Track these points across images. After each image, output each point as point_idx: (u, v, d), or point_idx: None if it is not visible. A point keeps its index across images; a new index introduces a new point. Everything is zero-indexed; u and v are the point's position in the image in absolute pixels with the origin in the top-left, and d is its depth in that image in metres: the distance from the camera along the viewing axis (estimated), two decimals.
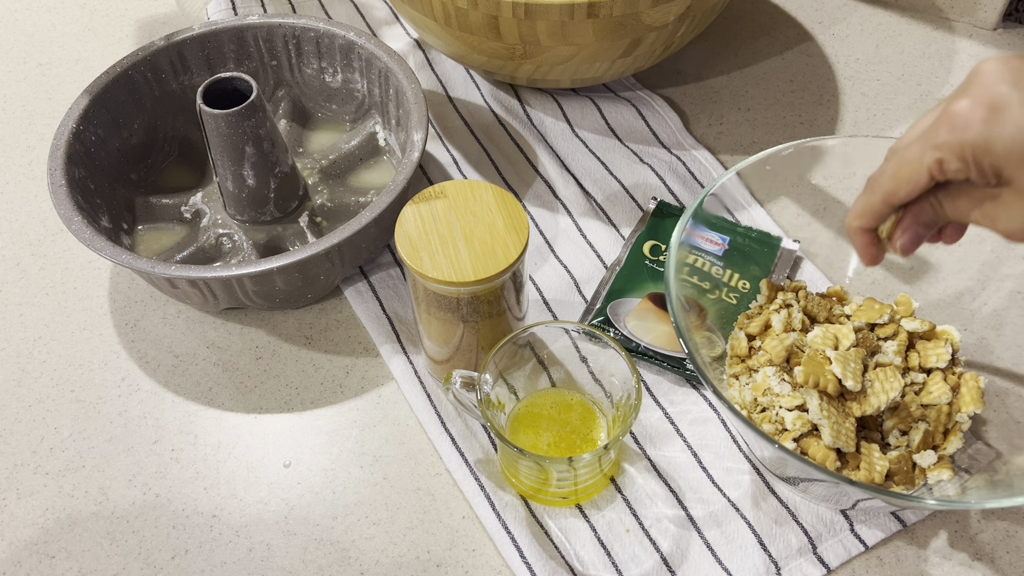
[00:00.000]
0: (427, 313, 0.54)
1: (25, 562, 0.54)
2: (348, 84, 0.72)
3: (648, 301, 0.62)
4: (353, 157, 0.70)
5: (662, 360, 0.60)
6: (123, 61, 0.67)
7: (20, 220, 0.71)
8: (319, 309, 0.65)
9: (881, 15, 0.83)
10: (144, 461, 0.58)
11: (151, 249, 0.66)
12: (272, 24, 0.69)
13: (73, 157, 0.62)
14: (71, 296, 0.66)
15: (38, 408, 0.61)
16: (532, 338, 0.55)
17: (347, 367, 0.62)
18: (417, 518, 0.55)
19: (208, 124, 0.59)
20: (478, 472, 0.56)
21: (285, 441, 0.59)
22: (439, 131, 0.75)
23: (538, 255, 0.67)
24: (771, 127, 0.75)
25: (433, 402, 0.59)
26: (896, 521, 0.54)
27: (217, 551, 0.54)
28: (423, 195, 0.53)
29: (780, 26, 0.82)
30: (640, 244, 0.65)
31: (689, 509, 0.55)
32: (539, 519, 0.54)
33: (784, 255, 0.64)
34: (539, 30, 0.62)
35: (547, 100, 0.76)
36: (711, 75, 0.79)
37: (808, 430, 0.52)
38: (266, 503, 0.56)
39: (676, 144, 0.73)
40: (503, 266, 0.50)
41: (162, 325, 0.64)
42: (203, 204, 0.67)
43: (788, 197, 0.67)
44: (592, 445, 0.55)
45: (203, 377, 0.62)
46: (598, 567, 0.53)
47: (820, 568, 0.52)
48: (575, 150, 0.73)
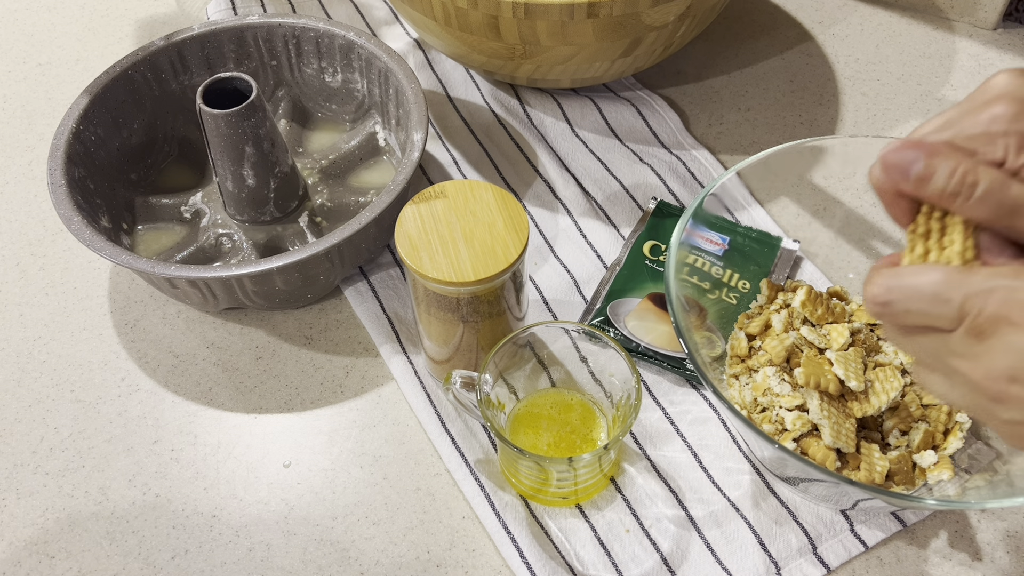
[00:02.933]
0: (427, 313, 0.54)
1: (25, 562, 0.54)
2: (348, 84, 0.72)
3: (648, 301, 0.62)
4: (353, 157, 0.70)
5: (662, 360, 0.60)
6: (123, 61, 0.67)
7: (20, 220, 0.71)
8: (319, 309, 0.65)
9: (881, 15, 0.83)
10: (144, 461, 0.58)
11: (151, 249, 0.66)
12: (272, 24, 0.69)
13: (73, 157, 0.62)
14: (71, 296, 0.66)
15: (38, 408, 0.61)
16: (532, 338, 0.55)
17: (347, 367, 0.62)
18: (417, 518, 0.55)
19: (208, 124, 0.59)
20: (478, 472, 0.56)
21: (285, 441, 0.59)
22: (439, 131, 0.75)
23: (538, 255, 0.67)
24: (771, 127, 0.75)
25: (433, 402, 0.59)
26: (896, 521, 0.54)
27: (217, 551, 0.54)
28: (423, 195, 0.53)
29: (780, 26, 0.82)
30: (640, 244, 0.65)
31: (689, 509, 0.55)
32: (539, 519, 0.54)
33: (784, 255, 0.64)
34: (539, 30, 0.62)
35: (547, 100, 0.76)
36: (711, 75, 0.79)
37: (808, 430, 0.52)
38: (266, 503, 0.56)
39: (676, 144, 0.73)
40: (503, 266, 0.50)
41: (162, 325, 0.64)
42: (203, 204, 0.67)
43: (788, 197, 0.67)
44: (592, 445, 0.55)
45: (203, 377, 0.62)
46: (598, 567, 0.53)
47: (820, 568, 0.52)
48: (575, 150, 0.73)
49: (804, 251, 0.65)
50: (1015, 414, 0.33)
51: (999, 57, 0.79)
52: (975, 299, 0.32)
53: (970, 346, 0.33)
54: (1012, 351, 0.32)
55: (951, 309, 0.33)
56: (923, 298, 0.34)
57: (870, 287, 0.35)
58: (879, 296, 0.35)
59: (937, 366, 0.35)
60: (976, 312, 0.32)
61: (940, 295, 0.33)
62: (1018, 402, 0.33)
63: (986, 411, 0.35)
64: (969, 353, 0.33)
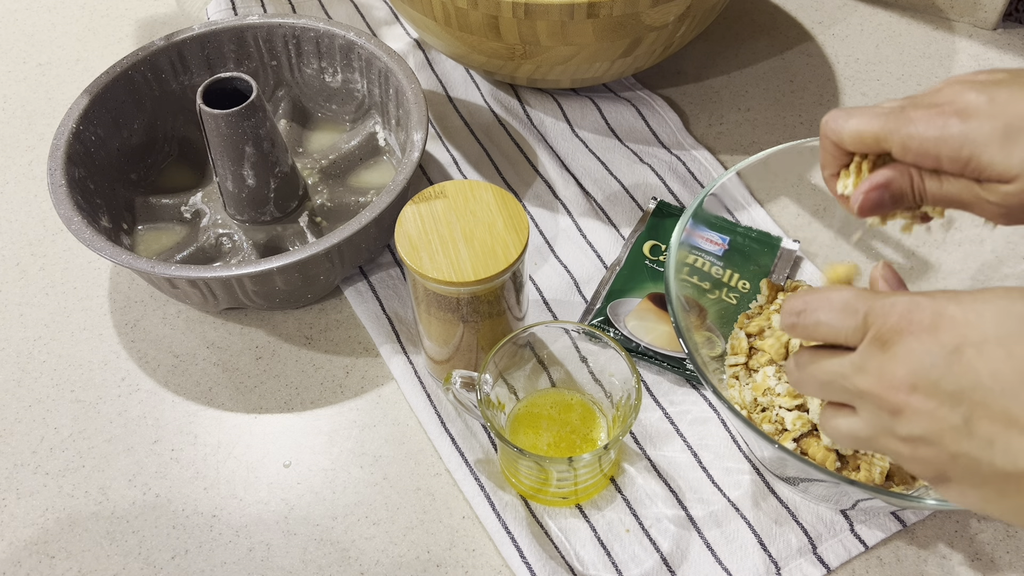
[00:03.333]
0: (427, 313, 0.54)
1: (25, 562, 0.54)
2: (348, 84, 0.72)
3: (648, 301, 0.62)
4: (353, 157, 0.70)
5: (662, 360, 0.60)
6: (123, 61, 0.67)
7: (20, 220, 0.71)
8: (319, 309, 0.65)
9: (881, 15, 0.83)
10: (144, 461, 0.58)
11: (151, 249, 0.66)
12: (272, 24, 0.69)
13: (73, 157, 0.62)
14: (71, 296, 0.66)
15: (38, 408, 0.61)
16: (532, 338, 0.55)
17: (347, 367, 0.62)
18: (417, 518, 0.55)
19: (208, 124, 0.59)
20: (478, 472, 0.56)
21: (285, 441, 0.59)
22: (439, 131, 0.75)
23: (538, 255, 0.67)
24: (771, 127, 0.75)
25: (433, 402, 0.59)
26: (896, 521, 0.54)
27: (217, 551, 0.54)
28: (423, 195, 0.53)
29: (780, 26, 0.82)
30: (640, 244, 0.65)
31: (689, 509, 0.55)
32: (539, 519, 0.54)
33: (784, 255, 0.64)
34: (539, 30, 0.62)
35: (547, 100, 0.76)
36: (711, 75, 0.79)
37: (808, 430, 0.52)
38: (266, 503, 0.56)
39: (676, 144, 0.73)
40: (503, 266, 0.50)
41: (162, 325, 0.64)
42: (203, 204, 0.67)
43: (788, 197, 0.67)
44: (592, 445, 0.55)
45: (203, 377, 0.62)
46: (598, 567, 0.53)
47: (820, 568, 0.52)
48: (575, 150, 0.73)
49: (804, 251, 0.65)
50: (913, 427, 0.34)
51: (999, 57, 0.79)
52: (879, 311, 0.35)
53: (873, 356, 0.35)
54: (912, 357, 0.34)
55: (857, 320, 0.36)
56: (833, 308, 0.37)
57: (788, 302, 0.39)
58: (796, 307, 0.38)
59: (841, 395, 0.37)
60: (880, 323, 0.35)
61: (848, 305, 0.36)
62: (917, 414, 0.34)
63: (887, 430, 0.35)
64: (871, 366, 0.35)
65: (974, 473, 0.34)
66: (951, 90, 0.39)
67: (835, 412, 0.38)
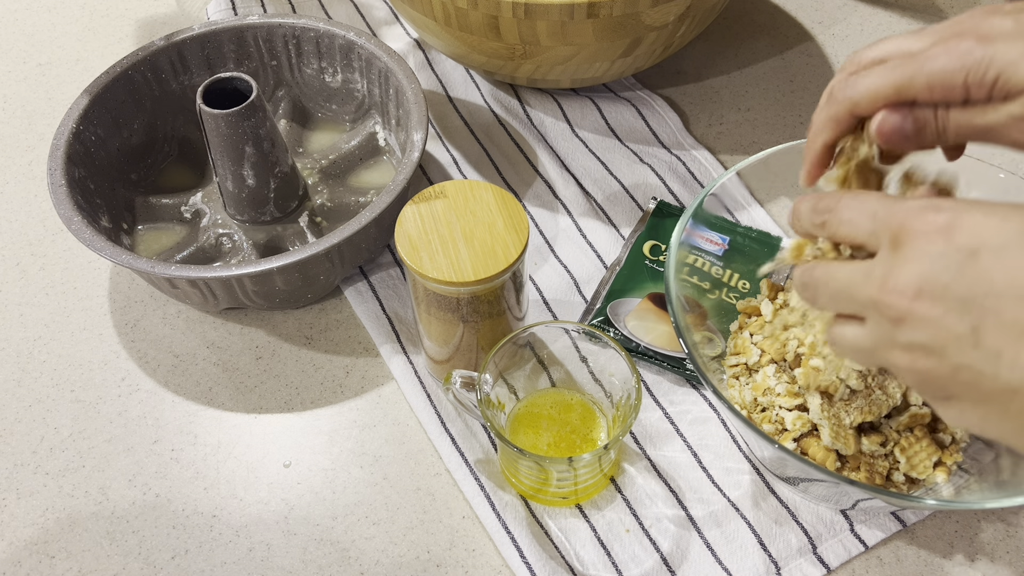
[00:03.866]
0: (427, 313, 0.54)
1: (25, 562, 0.54)
2: (348, 84, 0.72)
3: (648, 301, 0.62)
4: (353, 157, 0.70)
5: (662, 360, 0.60)
6: (123, 61, 0.67)
7: (20, 220, 0.71)
8: (319, 309, 0.65)
9: (881, 15, 0.83)
10: (144, 461, 0.58)
11: (151, 249, 0.66)
12: (272, 24, 0.69)
13: (73, 157, 0.62)
14: (71, 296, 0.66)
15: (38, 408, 0.61)
16: (532, 338, 0.55)
17: (347, 367, 0.62)
18: (417, 518, 0.55)
19: (208, 124, 0.59)
20: (478, 472, 0.56)
21: (285, 441, 0.59)
22: (439, 131, 0.75)
23: (538, 255, 0.67)
24: (771, 127, 0.75)
25: (433, 402, 0.59)
26: (896, 521, 0.54)
27: (217, 551, 0.54)
28: (423, 195, 0.53)
29: (780, 26, 0.82)
30: (640, 244, 0.65)
31: (689, 509, 0.55)
32: (539, 519, 0.54)
33: None
34: (539, 30, 0.62)
35: (547, 100, 0.76)
36: (711, 75, 0.79)
37: (808, 430, 0.52)
38: (266, 503, 0.56)
39: (676, 144, 0.73)
40: (503, 266, 0.50)
41: (162, 325, 0.64)
42: (203, 204, 0.67)
43: (788, 197, 0.67)
44: (592, 445, 0.55)
45: (203, 377, 0.62)
46: (598, 567, 0.53)
47: (820, 568, 0.52)
48: (575, 150, 0.73)
49: None
50: (915, 335, 0.32)
51: None
52: (898, 211, 0.34)
53: (884, 260, 0.33)
54: (922, 260, 0.32)
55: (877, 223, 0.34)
56: (863, 209, 0.35)
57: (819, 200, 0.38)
58: (827, 204, 0.37)
59: (850, 305, 0.35)
60: (896, 224, 0.33)
61: (877, 208, 0.35)
62: (921, 321, 0.32)
63: (889, 340, 0.33)
64: (879, 271, 0.33)
65: (977, 388, 0.31)
66: (973, 20, 0.37)
67: (843, 323, 0.36)
